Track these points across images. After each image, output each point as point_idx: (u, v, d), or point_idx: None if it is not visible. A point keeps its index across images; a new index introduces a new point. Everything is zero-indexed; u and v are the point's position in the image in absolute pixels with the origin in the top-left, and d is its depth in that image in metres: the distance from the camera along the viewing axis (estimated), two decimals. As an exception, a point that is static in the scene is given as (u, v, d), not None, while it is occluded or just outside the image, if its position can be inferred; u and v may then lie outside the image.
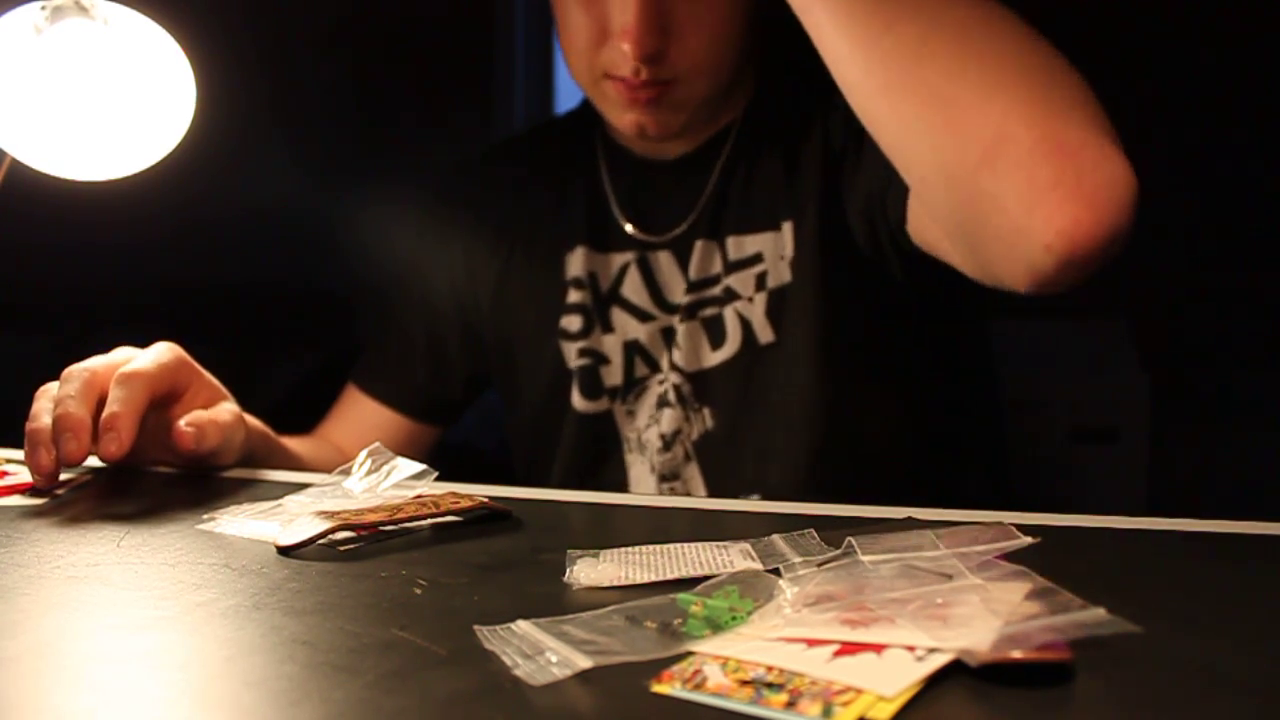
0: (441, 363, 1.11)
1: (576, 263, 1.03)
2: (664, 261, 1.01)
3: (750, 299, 0.97)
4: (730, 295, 0.98)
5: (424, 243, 1.14)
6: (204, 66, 0.82)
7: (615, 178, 1.04)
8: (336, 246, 2.17)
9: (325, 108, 2.39)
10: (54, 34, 0.77)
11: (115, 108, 0.79)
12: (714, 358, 0.99)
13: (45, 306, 2.44)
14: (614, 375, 1.02)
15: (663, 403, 1.00)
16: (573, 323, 1.03)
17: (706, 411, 0.99)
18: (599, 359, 1.03)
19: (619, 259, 1.02)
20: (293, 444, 1.00)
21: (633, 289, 1.01)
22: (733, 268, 0.98)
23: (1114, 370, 1.76)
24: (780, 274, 0.96)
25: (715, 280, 0.98)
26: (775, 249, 0.96)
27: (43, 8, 0.77)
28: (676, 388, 1.00)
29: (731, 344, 0.98)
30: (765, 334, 0.97)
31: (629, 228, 1.02)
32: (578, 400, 1.03)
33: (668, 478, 1.01)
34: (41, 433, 0.73)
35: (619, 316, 1.02)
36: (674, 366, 1.00)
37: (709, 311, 0.98)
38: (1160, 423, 1.72)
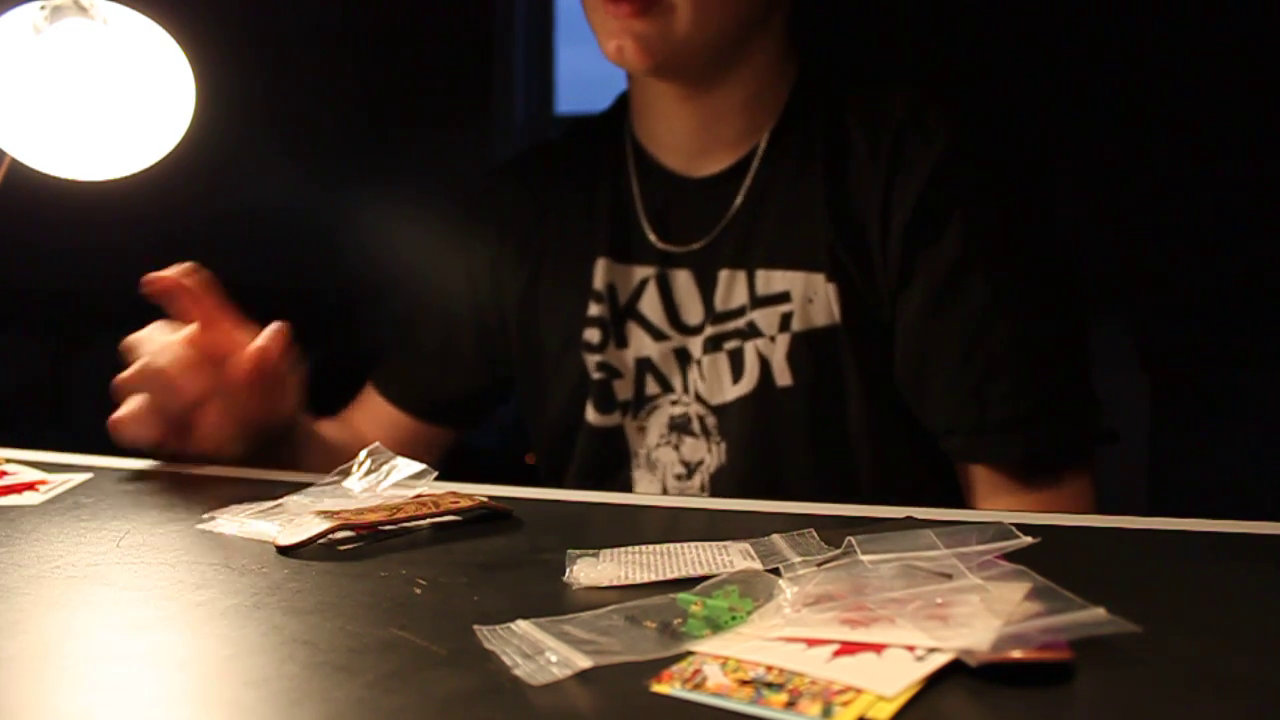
0: (451, 366, 1.11)
1: (599, 274, 1.02)
2: (682, 281, 0.99)
3: (773, 339, 0.94)
4: (753, 331, 0.95)
5: (446, 248, 1.13)
6: (204, 66, 0.82)
7: (645, 190, 1.02)
8: (337, 247, 2.17)
9: (325, 108, 2.39)
10: (53, 34, 0.77)
11: (115, 108, 0.79)
12: (732, 392, 0.96)
13: (45, 306, 2.44)
14: (625, 390, 1.01)
15: (683, 429, 0.99)
16: (593, 335, 1.02)
17: (723, 446, 0.97)
18: (613, 373, 1.01)
19: (640, 273, 1.01)
20: (323, 425, 1.03)
21: (650, 306, 1.00)
22: (759, 302, 0.95)
23: (1114, 370, 1.75)
24: (808, 317, 0.93)
25: (740, 313, 0.96)
26: (805, 290, 0.93)
27: (42, 7, 0.77)
28: (701, 419, 0.98)
29: (748, 381, 0.95)
30: (783, 377, 0.94)
31: (654, 240, 1.00)
32: (590, 413, 1.02)
33: None
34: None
35: (634, 332, 1.00)
36: (698, 398, 0.98)
37: (732, 344, 0.96)
38: (1160, 423, 1.72)
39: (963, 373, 0.89)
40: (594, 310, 1.02)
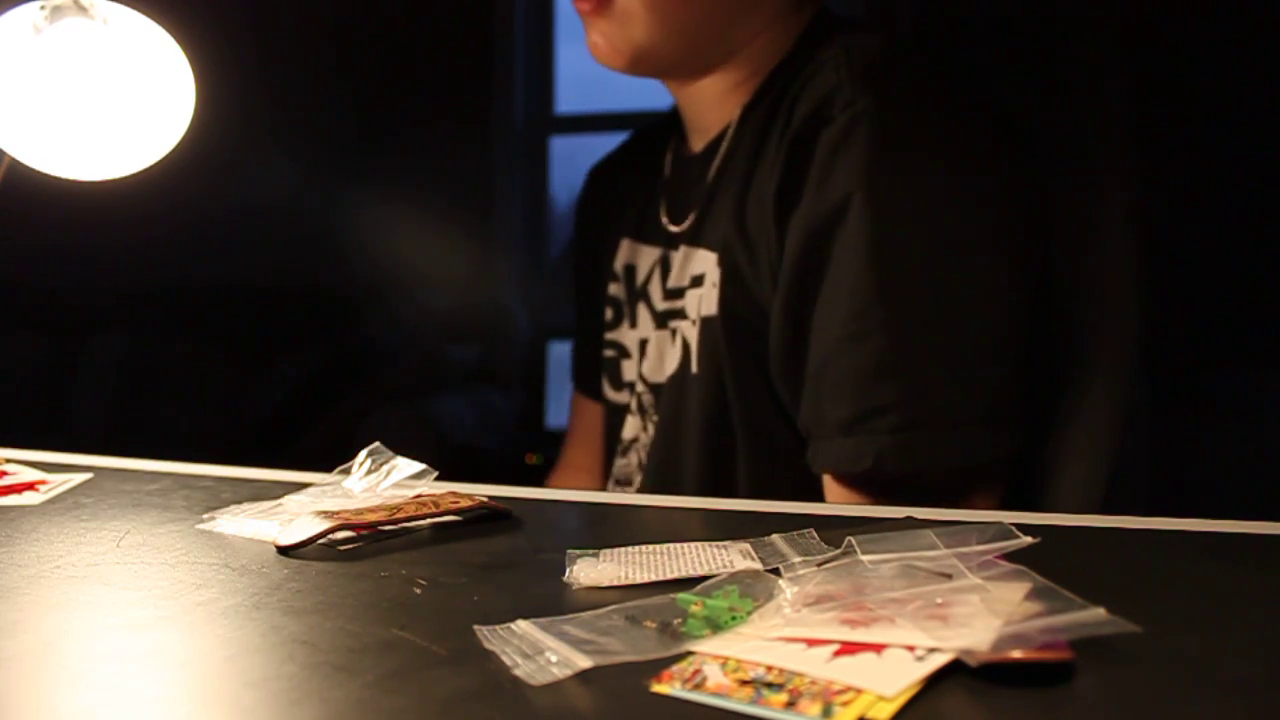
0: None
1: (620, 255, 1.05)
2: (676, 261, 0.98)
3: (694, 322, 0.91)
4: (684, 313, 0.93)
5: (576, 237, 1.19)
6: (204, 67, 0.82)
7: (671, 171, 1.03)
8: (337, 246, 2.17)
9: (325, 108, 2.39)
10: (53, 34, 0.77)
11: (115, 108, 0.79)
12: (666, 372, 0.95)
13: (44, 306, 2.44)
14: (631, 371, 1.02)
15: (629, 409, 1.01)
16: (609, 314, 1.05)
17: (656, 425, 0.97)
18: (622, 352, 1.04)
19: (651, 254, 1.01)
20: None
21: (655, 288, 1.00)
22: (693, 283, 0.93)
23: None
24: (710, 301, 0.89)
25: (681, 293, 0.95)
26: (712, 272, 0.90)
27: (42, 7, 0.77)
28: (639, 396, 0.99)
29: (674, 363, 0.94)
30: (694, 363, 0.91)
31: (665, 221, 1.00)
32: (607, 390, 1.06)
33: (621, 483, 1.01)
34: None
35: (642, 313, 1.01)
36: (641, 375, 0.99)
37: (674, 324, 0.95)
38: (1160, 423, 1.72)
39: (809, 361, 0.80)
40: (611, 290, 1.04)
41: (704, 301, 0.89)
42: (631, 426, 1.00)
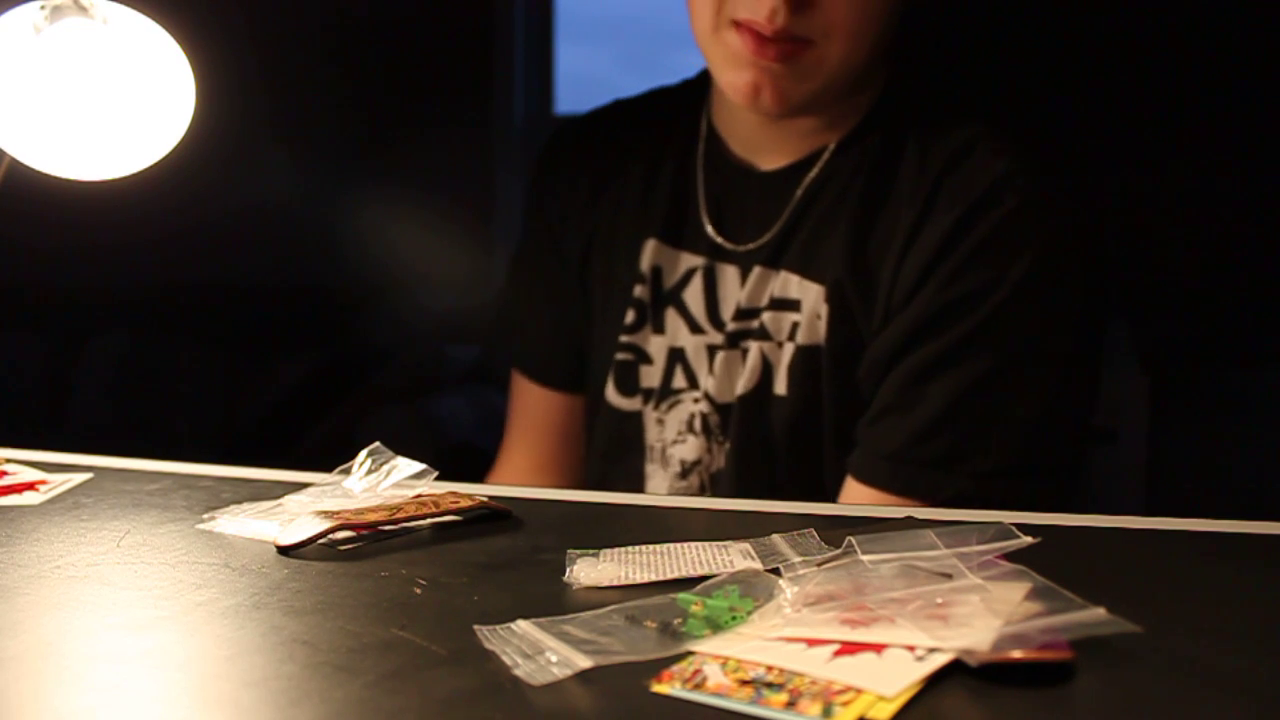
0: (572, 326, 1.07)
1: (647, 255, 0.99)
2: (729, 276, 0.96)
3: (780, 345, 0.92)
4: (763, 333, 0.93)
5: (531, 209, 1.11)
6: (204, 67, 0.82)
7: (708, 176, 0.98)
8: (337, 246, 2.17)
9: (325, 108, 2.39)
10: (53, 33, 0.77)
11: (115, 107, 0.79)
12: (737, 391, 0.95)
13: (44, 306, 2.44)
14: (652, 378, 0.99)
15: (689, 427, 0.98)
16: (629, 315, 1.00)
17: (726, 446, 0.95)
18: (641, 357, 1.00)
19: (689, 260, 0.98)
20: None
21: (693, 296, 0.97)
22: (775, 305, 0.93)
23: (1114, 370, 1.75)
24: (814, 331, 0.91)
25: (758, 313, 0.94)
26: (815, 304, 0.91)
27: (42, 7, 0.77)
28: (704, 416, 0.96)
29: (750, 381, 0.94)
30: (780, 385, 0.92)
31: (710, 230, 0.97)
32: (610, 392, 1.01)
33: None
34: None
35: (673, 320, 0.98)
36: (705, 394, 0.96)
37: (747, 343, 0.94)
38: (1160, 423, 1.72)
39: (891, 394, 0.87)
40: (636, 291, 0.99)
41: (802, 329, 0.92)
42: (693, 448, 0.97)
